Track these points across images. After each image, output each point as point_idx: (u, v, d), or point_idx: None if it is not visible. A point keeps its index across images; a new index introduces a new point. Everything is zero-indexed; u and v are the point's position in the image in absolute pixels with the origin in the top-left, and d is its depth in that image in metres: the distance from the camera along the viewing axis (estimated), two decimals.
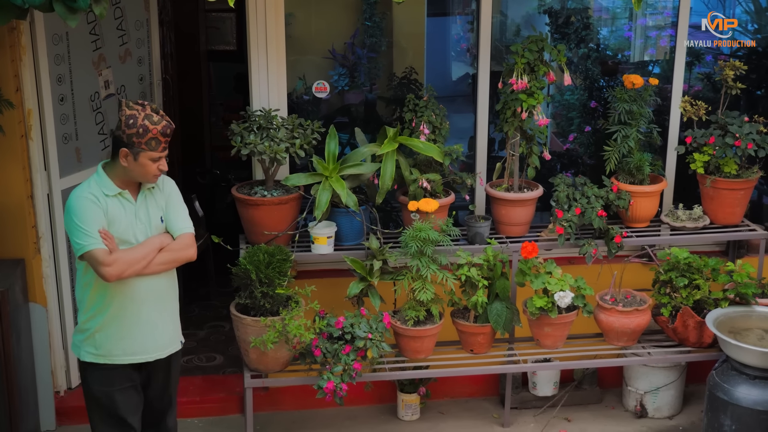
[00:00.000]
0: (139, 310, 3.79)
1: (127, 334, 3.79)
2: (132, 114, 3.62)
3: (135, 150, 3.63)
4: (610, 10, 6.24)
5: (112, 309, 3.75)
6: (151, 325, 3.84)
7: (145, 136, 3.61)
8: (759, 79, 5.91)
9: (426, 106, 4.96)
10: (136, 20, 5.31)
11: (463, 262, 4.70)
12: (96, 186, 3.70)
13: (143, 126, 3.61)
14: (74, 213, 3.64)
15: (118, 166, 3.70)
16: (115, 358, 3.80)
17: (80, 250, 3.63)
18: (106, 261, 3.61)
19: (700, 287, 4.87)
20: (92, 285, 3.74)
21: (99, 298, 3.74)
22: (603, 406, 5.44)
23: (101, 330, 3.76)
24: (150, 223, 3.79)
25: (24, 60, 4.57)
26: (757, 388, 4.50)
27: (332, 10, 5.98)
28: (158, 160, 3.68)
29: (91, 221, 3.63)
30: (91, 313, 3.77)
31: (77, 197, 3.68)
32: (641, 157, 5.09)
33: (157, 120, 3.64)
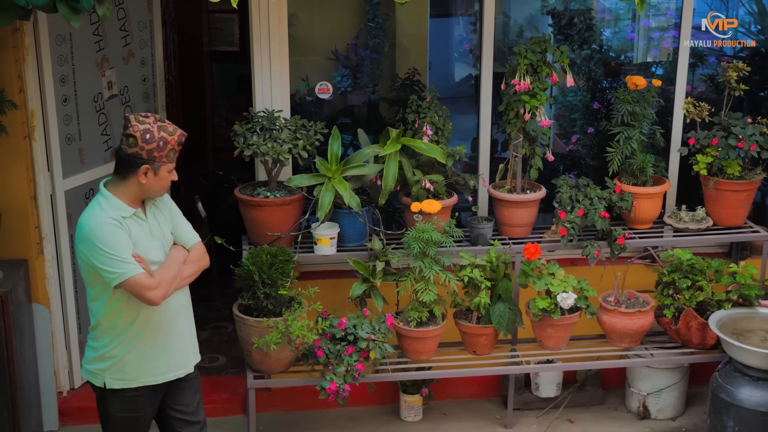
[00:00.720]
0: (171, 326, 3.71)
1: (161, 353, 3.69)
2: (146, 128, 3.48)
3: (156, 165, 3.52)
4: (613, 12, 6.24)
5: (146, 331, 3.63)
6: (181, 339, 3.78)
7: (165, 148, 3.52)
8: (762, 81, 5.91)
9: (429, 108, 4.96)
10: (139, 21, 5.31)
11: (466, 263, 4.70)
12: (110, 209, 3.52)
13: (162, 138, 3.50)
14: (100, 241, 3.45)
15: (131, 185, 3.55)
16: (147, 379, 3.69)
17: (118, 278, 3.46)
18: (152, 284, 3.49)
19: (703, 289, 4.86)
20: (122, 311, 3.58)
21: (130, 323, 3.60)
22: (606, 408, 5.44)
23: (131, 353, 3.63)
24: (164, 238, 3.69)
25: (27, 61, 4.58)
26: (760, 389, 4.49)
27: (335, 11, 5.98)
28: (172, 171, 3.61)
29: (122, 246, 3.47)
30: (120, 338, 3.62)
31: (98, 224, 3.47)
32: (644, 158, 5.09)
33: (171, 130, 3.54)
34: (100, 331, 3.66)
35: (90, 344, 3.73)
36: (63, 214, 4.89)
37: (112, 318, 3.61)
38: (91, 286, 3.62)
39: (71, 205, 4.95)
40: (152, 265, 3.58)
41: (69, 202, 4.93)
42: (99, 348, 3.68)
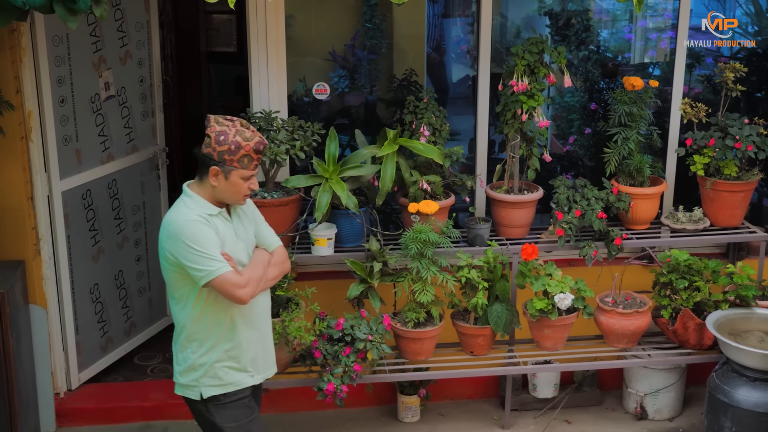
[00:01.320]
0: (255, 327, 3.68)
1: (249, 353, 3.65)
2: (222, 130, 3.44)
3: (226, 168, 3.45)
4: (611, 12, 6.24)
5: (235, 332, 3.59)
6: (264, 341, 3.76)
7: (237, 153, 3.43)
8: (759, 82, 5.91)
9: (426, 108, 4.96)
10: (137, 22, 5.31)
11: (463, 263, 4.70)
12: (196, 207, 3.48)
13: (235, 142, 3.43)
14: (189, 238, 3.39)
15: (206, 186, 3.50)
16: (241, 382, 3.65)
17: (208, 276, 3.40)
18: (241, 282, 3.45)
19: (701, 289, 4.87)
20: (209, 313, 3.54)
21: (218, 325, 3.56)
22: (603, 408, 5.44)
23: (222, 358, 3.58)
24: (248, 240, 3.66)
25: (24, 61, 4.57)
26: (758, 390, 4.50)
27: (332, 11, 5.98)
28: (249, 179, 3.51)
29: (211, 244, 3.42)
30: (210, 342, 3.57)
31: (186, 221, 3.42)
32: (641, 159, 5.09)
33: (249, 136, 3.46)
34: (186, 338, 3.59)
35: (178, 357, 3.65)
36: (60, 215, 4.88)
37: (199, 321, 3.55)
38: (175, 289, 3.55)
39: (68, 205, 4.94)
40: (237, 266, 3.54)
41: (66, 202, 4.92)
42: (189, 356, 3.60)
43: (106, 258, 5.29)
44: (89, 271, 5.17)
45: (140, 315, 5.66)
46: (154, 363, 5.67)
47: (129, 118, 5.34)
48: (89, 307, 5.21)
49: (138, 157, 5.45)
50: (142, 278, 5.63)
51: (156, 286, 5.77)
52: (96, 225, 5.18)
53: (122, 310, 5.49)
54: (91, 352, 5.28)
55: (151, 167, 5.59)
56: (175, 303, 3.58)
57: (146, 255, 5.63)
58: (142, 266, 5.62)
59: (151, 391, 5.28)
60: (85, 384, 5.25)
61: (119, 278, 5.42)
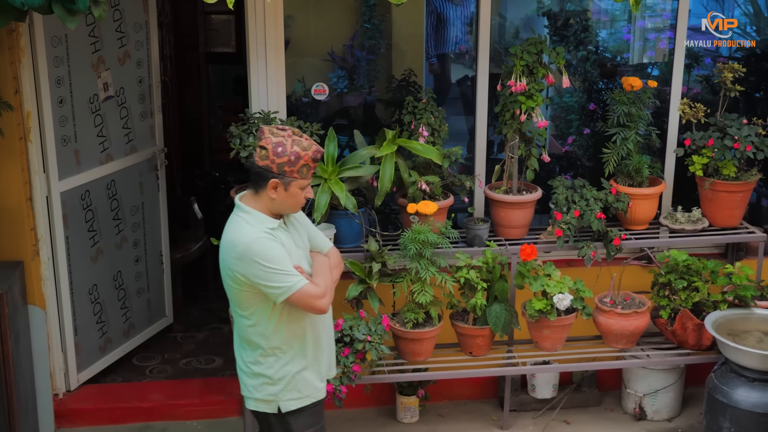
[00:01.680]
0: (327, 332, 3.69)
1: (321, 361, 3.66)
2: (279, 141, 3.37)
3: (286, 180, 3.39)
4: (609, 13, 6.24)
5: (310, 341, 3.58)
6: (331, 346, 3.76)
7: (297, 163, 3.38)
8: (758, 82, 5.91)
9: (425, 109, 4.96)
10: (135, 22, 5.31)
11: (462, 264, 4.70)
12: (259, 223, 3.42)
13: (294, 153, 3.37)
14: (260, 257, 3.34)
15: (263, 199, 3.44)
16: (319, 392, 3.66)
17: (286, 292, 3.36)
18: (320, 293, 3.43)
19: (699, 290, 4.87)
20: (284, 326, 3.50)
21: (295, 337, 3.53)
22: (602, 409, 5.44)
23: (301, 370, 3.57)
24: (305, 246, 3.63)
25: (23, 62, 4.57)
26: (756, 390, 4.50)
27: (331, 12, 5.98)
28: (306, 188, 3.47)
29: (283, 259, 3.38)
30: (288, 355, 3.54)
31: (255, 240, 3.36)
32: (640, 159, 5.09)
33: (307, 145, 3.40)
34: (262, 354, 3.54)
35: (253, 371, 3.59)
36: (59, 216, 4.88)
37: (278, 338, 3.51)
38: (244, 308, 3.49)
39: (67, 206, 4.94)
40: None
41: (65, 203, 4.92)
42: (265, 371, 3.56)
43: (105, 259, 5.29)
44: (88, 272, 5.17)
45: (139, 316, 5.66)
46: (153, 364, 5.67)
47: (128, 119, 5.34)
48: (88, 307, 5.21)
49: (137, 157, 5.45)
50: (140, 279, 5.62)
51: (154, 287, 5.76)
52: (95, 226, 5.18)
53: (121, 310, 5.49)
54: (90, 352, 5.27)
55: (150, 168, 5.59)
56: (244, 320, 3.52)
57: (145, 256, 5.63)
58: (141, 267, 5.62)
59: (149, 392, 5.28)
60: (84, 385, 5.25)
61: (118, 279, 5.42)
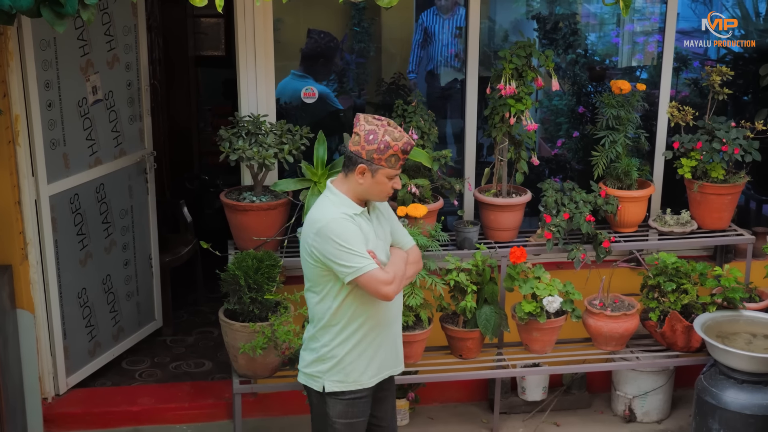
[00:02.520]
0: (391, 327, 3.73)
1: (378, 354, 3.70)
2: (372, 129, 3.51)
3: (374, 167, 3.51)
4: (598, 16, 6.26)
5: (367, 329, 3.64)
6: (396, 342, 3.80)
7: (386, 152, 3.50)
8: (745, 85, 5.94)
9: (414, 112, 4.97)
10: (124, 26, 5.30)
11: (452, 267, 4.70)
12: (341, 205, 3.56)
13: (384, 142, 3.49)
14: (337, 235, 3.48)
15: (351, 183, 3.58)
16: (365, 382, 3.70)
17: (355, 272, 3.48)
18: (388, 279, 3.51)
19: (688, 292, 4.88)
20: (349, 308, 3.60)
21: (354, 321, 3.62)
22: (592, 411, 5.45)
23: (352, 353, 3.65)
24: (386, 239, 3.71)
25: (11, 65, 4.56)
26: (745, 392, 4.51)
27: (321, 15, 5.98)
28: (394, 178, 3.57)
29: (359, 241, 3.50)
30: (342, 336, 3.63)
31: (334, 219, 3.51)
32: (629, 162, 5.11)
33: (398, 136, 3.51)
34: (322, 328, 3.66)
35: (308, 346, 3.74)
36: (47, 220, 4.87)
37: (339, 316, 3.62)
38: (316, 284, 3.63)
39: (56, 210, 4.93)
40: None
41: (53, 207, 4.90)
42: (319, 348, 3.69)
43: (94, 262, 5.27)
44: (77, 276, 5.15)
45: (128, 319, 5.64)
46: (143, 367, 5.66)
47: (117, 122, 5.32)
48: (77, 311, 5.19)
49: (126, 161, 5.43)
50: (130, 282, 5.61)
51: (144, 291, 5.75)
52: (84, 229, 5.16)
53: (110, 314, 5.47)
54: (79, 356, 5.26)
55: (139, 171, 5.58)
56: (314, 296, 3.67)
57: (134, 259, 5.62)
58: (130, 270, 5.60)
59: (139, 396, 5.27)
60: (73, 389, 5.23)
61: (107, 282, 5.40)
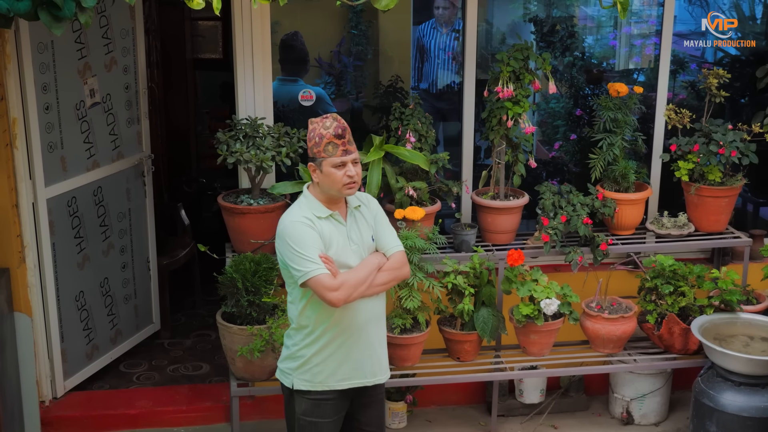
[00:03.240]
0: (361, 332, 3.72)
1: (347, 359, 3.71)
2: (312, 128, 3.63)
3: (318, 161, 3.60)
4: (595, 19, 6.27)
5: (334, 333, 3.67)
6: (370, 348, 3.78)
7: (321, 143, 3.58)
8: (742, 88, 5.95)
9: (412, 115, 4.97)
10: (122, 29, 5.30)
11: (450, 269, 4.71)
12: (307, 209, 3.64)
13: (318, 134, 3.59)
14: (291, 238, 3.57)
15: (315, 186, 3.67)
16: (333, 384, 3.72)
17: (303, 277, 3.55)
18: (332, 286, 3.53)
19: (686, 294, 4.89)
20: (313, 310, 3.65)
21: (321, 323, 3.66)
22: (589, 413, 5.45)
23: (319, 355, 3.69)
24: (363, 243, 3.72)
25: (9, 68, 4.56)
26: (743, 394, 4.52)
27: (318, 18, 5.99)
28: (343, 166, 3.59)
29: (310, 246, 3.55)
30: (310, 338, 3.69)
31: (291, 222, 3.60)
32: (626, 164, 5.11)
33: (329, 124, 3.60)
34: (293, 329, 3.76)
35: (285, 343, 3.84)
36: (45, 223, 4.86)
37: (305, 317, 3.69)
38: (289, 285, 3.73)
39: (53, 213, 4.92)
40: (344, 269, 3.62)
41: (51, 210, 4.90)
42: (291, 346, 3.78)
43: (92, 265, 5.27)
44: (75, 279, 5.15)
45: (126, 322, 5.64)
46: (140, 370, 5.65)
47: (114, 125, 5.32)
48: (75, 314, 5.18)
49: (123, 164, 5.43)
50: (127, 285, 5.61)
51: (141, 294, 5.75)
52: (81, 232, 5.16)
53: (108, 317, 5.46)
54: (77, 359, 5.25)
55: (137, 174, 5.58)
56: (289, 302, 3.77)
57: (132, 262, 5.62)
58: (128, 273, 5.60)
59: (137, 399, 5.26)
60: (71, 392, 5.22)
61: (105, 285, 5.40)
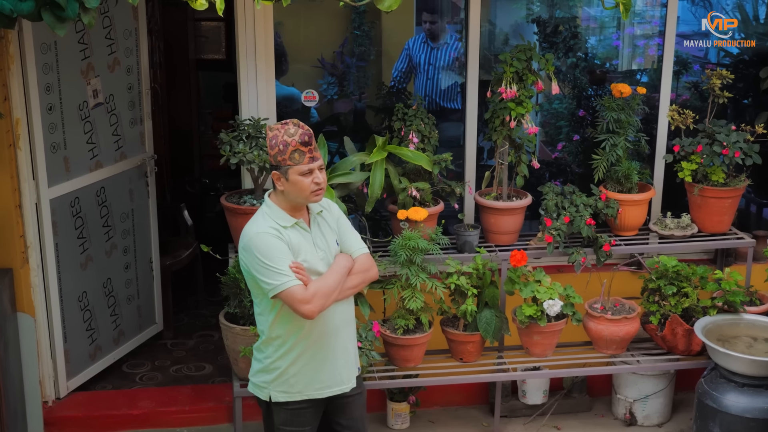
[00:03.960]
0: (335, 337, 3.69)
1: (323, 366, 3.69)
2: (273, 135, 3.54)
3: (283, 169, 3.53)
4: (598, 20, 6.26)
5: (308, 342, 3.63)
6: (344, 352, 3.76)
7: (286, 151, 3.51)
8: (746, 88, 5.94)
9: (415, 115, 4.97)
10: (125, 29, 5.30)
11: (453, 270, 4.71)
12: (270, 219, 3.57)
13: (283, 142, 3.51)
14: (259, 251, 3.50)
15: (279, 194, 3.60)
16: (311, 393, 3.70)
17: (274, 290, 3.49)
18: (305, 298, 3.48)
19: (689, 295, 4.88)
20: (286, 322, 3.60)
21: (294, 333, 3.62)
22: (592, 414, 5.45)
23: (295, 365, 3.65)
24: (328, 248, 3.69)
25: (12, 69, 4.56)
26: (746, 395, 4.51)
27: (321, 18, 5.99)
28: (310, 174, 3.54)
29: (279, 257, 3.49)
30: (283, 349, 3.64)
31: (258, 234, 3.52)
32: (629, 165, 5.11)
33: (293, 131, 3.52)
34: (264, 341, 3.69)
35: (255, 356, 3.77)
36: (48, 223, 4.87)
37: (276, 328, 3.63)
38: (256, 297, 3.66)
39: (56, 213, 4.93)
40: (314, 275, 3.59)
41: (54, 210, 4.91)
42: (263, 359, 3.71)
43: (95, 266, 5.28)
44: (78, 279, 5.15)
45: (129, 323, 5.64)
46: (143, 371, 5.66)
47: (117, 126, 5.33)
48: (77, 315, 5.19)
49: (126, 164, 5.44)
50: (130, 286, 5.61)
51: (144, 294, 5.75)
52: (84, 233, 5.17)
53: (111, 317, 5.47)
54: (80, 360, 5.26)
55: (140, 175, 5.58)
56: (257, 313, 3.70)
57: (135, 263, 5.62)
58: (131, 274, 5.60)
59: (139, 399, 5.26)
60: (74, 392, 5.23)
61: (108, 286, 5.40)
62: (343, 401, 3.84)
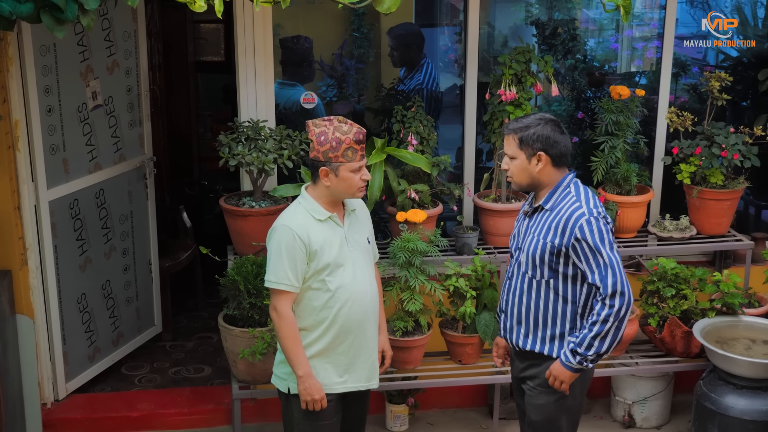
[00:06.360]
0: (359, 335, 3.72)
1: (345, 361, 3.71)
2: (321, 131, 3.57)
3: (333, 165, 3.57)
4: (597, 22, 6.27)
5: (330, 336, 3.67)
6: (367, 351, 3.79)
7: (339, 148, 3.55)
8: (744, 90, 5.95)
9: (414, 117, 4.97)
10: (124, 31, 5.31)
11: (452, 272, 4.71)
12: (305, 212, 3.63)
13: (336, 139, 3.55)
14: (277, 241, 3.59)
15: (321, 188, 3.63)
16: (335, 386, 3.72)
17: (268, 282, 3.62)
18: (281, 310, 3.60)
19: (687, 297, 4.89)
20: (308, 313, 3.65)
21: (316, 327, 3.66)
22: (591, 417, 5.45)
23: (316, 358, 3.68)
24: (361, 247, 3.74)
25: (11, 71, 4.56)
26: (744, 397, 4.51)
27: (320, 21, 5.99)
28: (359, 171, 3.61)
29: (286, 256, 3.56)
30: (307, 340, 3.67)
31: (282, 226, 3.59)
32: (628, 167, 5.11)
33: (347, 129, 3.58)
34: None
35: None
36: (47, 225, 4.87)
37: (301, 320, 3.67)
38: None
39: (55, 215, 4.93)
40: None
41: (53, 212, 4.91)
42: None
43: (94, 267, 5.28)
44: (76, 281, 5.15)
45: (128, 325, 5.64)
46: (142, 373, 5.66)
47: (116, 128, 5.33)
48: (76, 316, 5.19)
49: (125, 166, 5.44)
50: (129, 288, 5.61)
51: (143, 296, 5.75)
52: (83, 234, 5.17)
53: (110, 319, 5.47)
54: (79, 362, 5.25)
55: (139, 176, 5.58)
56: None
57: (134, 264, 5.62)
58: (130, 276, 5.60)
59: (138, 402, 5.26)
60: (73, 394, 5.23)
61: (107, 288, 5.40)
62: (351, 400, 3.86)
